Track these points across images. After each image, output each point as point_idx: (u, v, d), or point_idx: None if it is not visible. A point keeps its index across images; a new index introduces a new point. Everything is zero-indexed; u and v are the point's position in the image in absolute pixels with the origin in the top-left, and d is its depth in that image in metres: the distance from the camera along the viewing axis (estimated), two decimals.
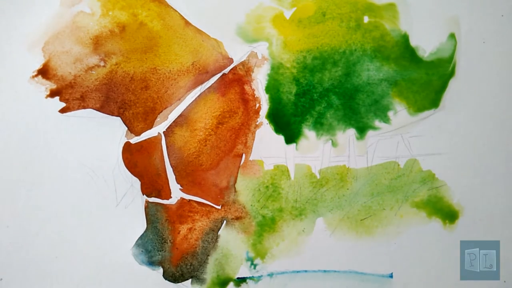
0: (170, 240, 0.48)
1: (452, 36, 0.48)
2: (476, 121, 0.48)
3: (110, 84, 0.47)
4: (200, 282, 0.48)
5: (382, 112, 0.48)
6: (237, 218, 0.49)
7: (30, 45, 0.47)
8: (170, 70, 0.47)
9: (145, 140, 0.48)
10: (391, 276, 0.49)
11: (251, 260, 0.49)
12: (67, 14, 0.47)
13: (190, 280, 0.48)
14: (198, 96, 0.48)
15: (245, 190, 0.48)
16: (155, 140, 0.48)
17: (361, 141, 0.48)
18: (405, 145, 0.48)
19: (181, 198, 0.48)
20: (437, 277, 0.49)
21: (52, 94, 0.47)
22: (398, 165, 0.48)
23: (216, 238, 0.49)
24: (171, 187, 0.48)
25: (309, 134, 0.48)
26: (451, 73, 0.48)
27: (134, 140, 0.48)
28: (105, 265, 0.48)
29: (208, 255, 0.49)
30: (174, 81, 0.48)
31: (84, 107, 0.47)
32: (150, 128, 0.48)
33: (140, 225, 0.48)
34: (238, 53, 0.48)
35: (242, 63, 0.48)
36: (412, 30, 0.47)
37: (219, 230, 0.49)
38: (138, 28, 0.47)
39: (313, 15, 0.47)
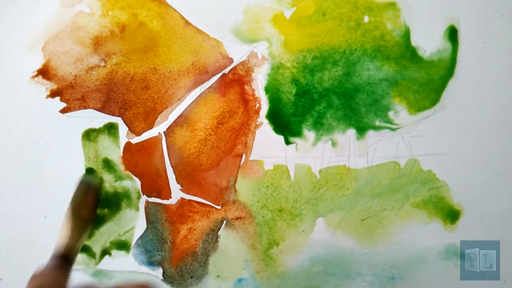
0: (170, 240, 0.48)
1: (452, 36, 0.48)
2: (476, 121, 0.48)
3: (111, 84, 0.47)
4: (200, 283, 0.48)
5: (382, 112, 0.48)
6: (237, 218, 0.48)
7: (30, 45, 0.47)
8: (170, 70, 0.47)
9: (145, 140, 0.48)
10: (391, 276, 0.49)
11: (251, 260, 0.48)
12: (67, 14, 0.47)
13: (190, 280, 0.48)
14: (198, 96, 0.48)
15: (245, 190, 0.48)
16: (155, 140, 0.48)
17: (361, 141, 0.48)
18: (406, 145, 0.48)
19: (181, 198, 0.48)
20: (437, 277, 0.49)
21: (53, 94, 0.47)
22: (399, 165, 0.48)
23: (216, 238, 0.48)
24: (171, 187, 0.48)
25: (309, 134, 0.48)
26: (451, 73, 0.48)
27: (135, 140, 0.48)
28: (105, 265, 0.48)
29: (208, 256, 0.48)
30: (174, 81, 0.48)
31: (85, 107, 0.47)
32: (150, 128, 0.48)
33: (140, 225, 0.48)
34: (238, 53, 0.48)
35: (242, 63, 0.48)
36: (412, 30, 0.47)
37: (219, 230, 0.49)
38: (138, 28, 0.47)
39: (313, 14, 0.47)
